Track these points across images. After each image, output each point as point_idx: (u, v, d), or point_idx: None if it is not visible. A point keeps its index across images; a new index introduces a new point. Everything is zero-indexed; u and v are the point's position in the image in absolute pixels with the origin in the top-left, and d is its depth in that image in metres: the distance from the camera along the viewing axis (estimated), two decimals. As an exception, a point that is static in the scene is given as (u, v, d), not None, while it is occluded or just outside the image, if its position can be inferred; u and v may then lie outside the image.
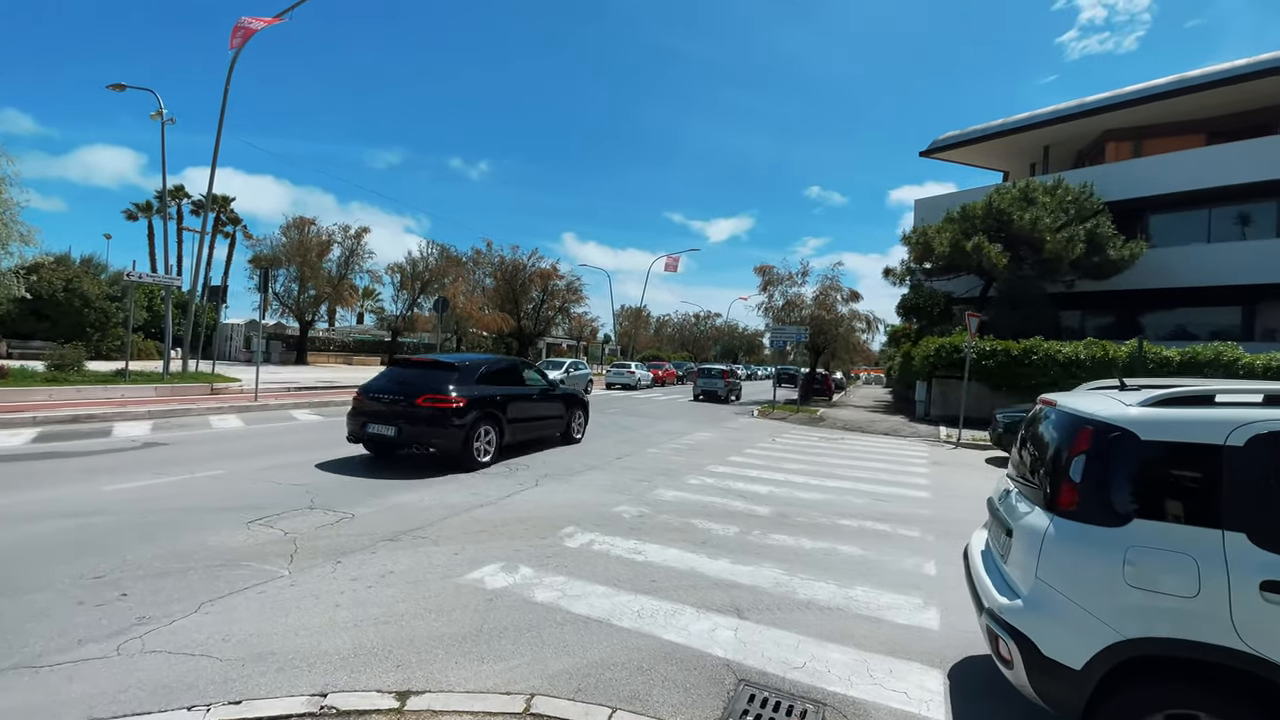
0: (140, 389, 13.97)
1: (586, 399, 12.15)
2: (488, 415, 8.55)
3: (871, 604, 4.18)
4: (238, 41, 14.98)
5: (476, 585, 4.12)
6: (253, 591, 3.84)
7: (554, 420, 10.62)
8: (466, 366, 8.88)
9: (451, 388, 8.24)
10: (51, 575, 3.94)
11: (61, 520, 5.08)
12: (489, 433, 8.54)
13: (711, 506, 6.64)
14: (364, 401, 8.45)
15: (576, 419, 11.26)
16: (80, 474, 6.81)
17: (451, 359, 9.19)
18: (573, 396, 11.45)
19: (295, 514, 5.60)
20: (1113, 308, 24.52)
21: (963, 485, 8.69)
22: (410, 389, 8.27)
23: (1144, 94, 23.67)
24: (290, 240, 31.63)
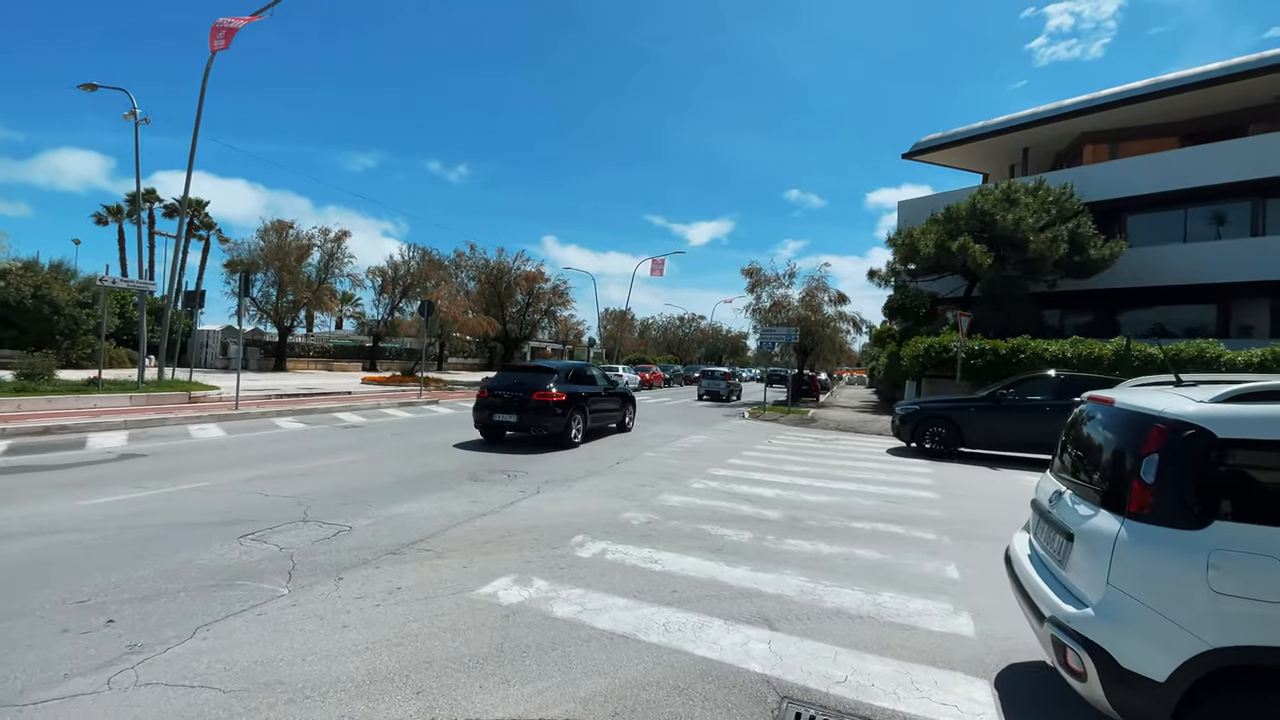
0: (114, 398, 13.45)
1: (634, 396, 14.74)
2: (578, 407, 11.21)
3: (901, 610, 4.03)
4: (220, 43, 14.54)
5: (490, 601, 3.90)
6: (251, 613, 3.58)
7: (615, 412, 13.24)
8: (560, 370, 11.56)
9: (553, 386, 10.85)
10: (29, 601, 3.63)
11: (36, 539, 4.75)
12: (579, 420, 11.24)
13: (720, 511, 6.47)
14: (488, 397, 11.14)
15: (629, 412, 13.92)
16: (54, 489, 6.43)
17: (550, 365, 12.03)
18: (626, 395, 14.00)
19: (289, 527, 5.31)
20: (1091, 306, 24.91)
21: (966, 484, 8.64)
22: (525, 388, 10.90)
23: (1119, 97, 24.14)
24: (268, 244, 30.91)
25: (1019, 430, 11.14)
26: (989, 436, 11.49)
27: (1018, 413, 11.30)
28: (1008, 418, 11.33)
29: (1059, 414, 10.76)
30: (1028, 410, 11.23)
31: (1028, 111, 26.73)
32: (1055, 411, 10.75)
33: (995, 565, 5.00)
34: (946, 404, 12.53)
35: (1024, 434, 11.08)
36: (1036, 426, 10.78)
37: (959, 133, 29.20)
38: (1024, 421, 11.12)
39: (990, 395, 12.04)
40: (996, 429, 11.41)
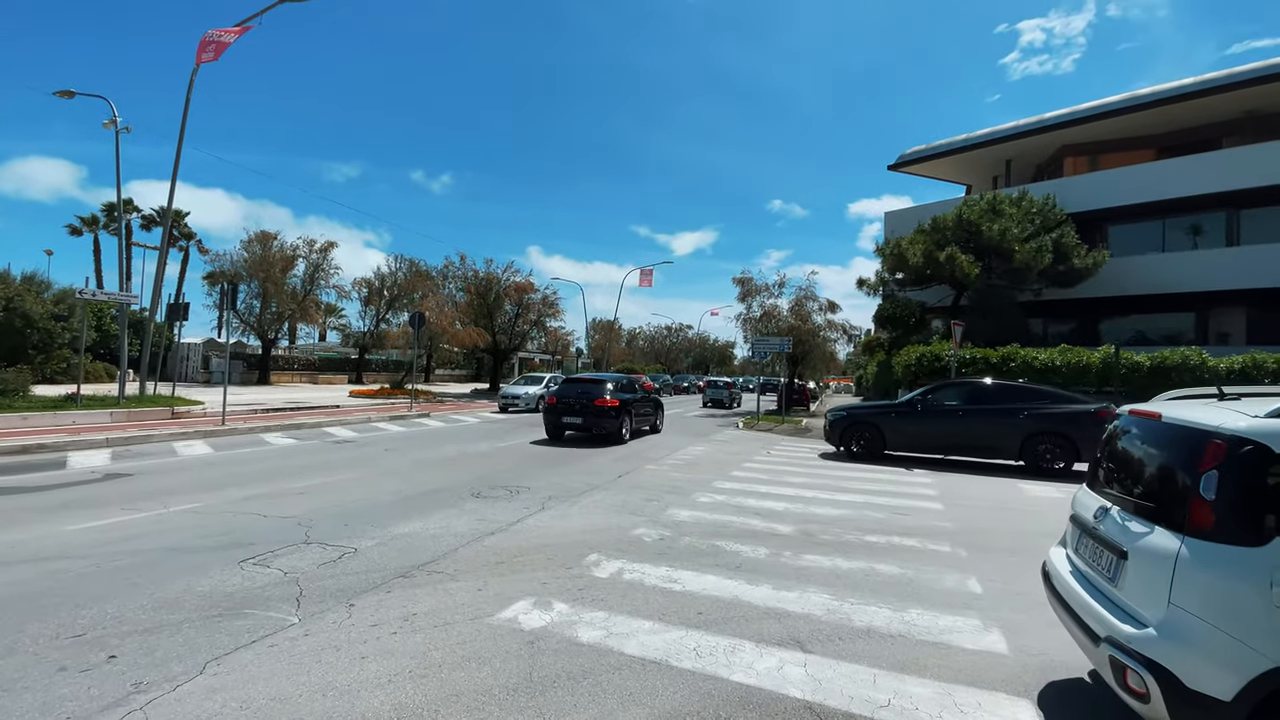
0: (94, 415, 13.04)
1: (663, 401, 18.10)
2: (627, 411, 13.68)
3: (931, 628, 3.96)
4: (208, 55, 14.27)
5: (512, 626, 3.75)
6: (262, 645, 3.40)
7: (650, 415, 15.78)
8: (613, 381, 14.28)
9: (609, 394, 13.40)
10: (20, 636, 3.42)
11: (22, 568, 4.51)
12: (628, 421, 13.73)
13: (731, 526, 6.37)
14: (556, 404, 13.70)
15: (660, 416, 16.55)
16: (37, 512, 6.16)
17: (604, 377, 14.79)
18: (658, 401, 17.16)
19: (291, 550, 5.11)
20: (1074, 315, 25.33)
21: (971, 495, 8.63)
22: (588, 395, 13.47)
23: (1098, 111, 24.70)
24: (252, 255, 30.40)
25: (935, 434, 11.70)
26: (909, 440, 12.01)
27: (934, 417, 11.80)
28: (925, 422, 11.85)
29: (970, 418, 11.18)
30: (942, 415, 11.76)
31: (1010, 124, 27.26)
32: (967, 415, 11.55)
33: (1016, 578, 4.98)
34: (871, 410, 13.18)
35: (940, 437, 11.66)
36: (950, 429, 11.51)
37: (943, 145, 29.67)
38: (939, 425, 11.68)
39: (909, 401, 12.55)
40: (915, 433, 11.92)
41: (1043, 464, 10.74)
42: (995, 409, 11.41)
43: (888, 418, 12.33)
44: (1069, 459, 10.63)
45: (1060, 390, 12.15)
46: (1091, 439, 10.20)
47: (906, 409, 12.28)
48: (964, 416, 11.56)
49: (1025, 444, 10.88)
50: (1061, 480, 10.10)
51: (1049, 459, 10.72)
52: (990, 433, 11.23)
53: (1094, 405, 10.93)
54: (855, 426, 12.44)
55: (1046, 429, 10.81)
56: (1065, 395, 11.54)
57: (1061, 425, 10.80)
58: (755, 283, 26.33)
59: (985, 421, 11.32)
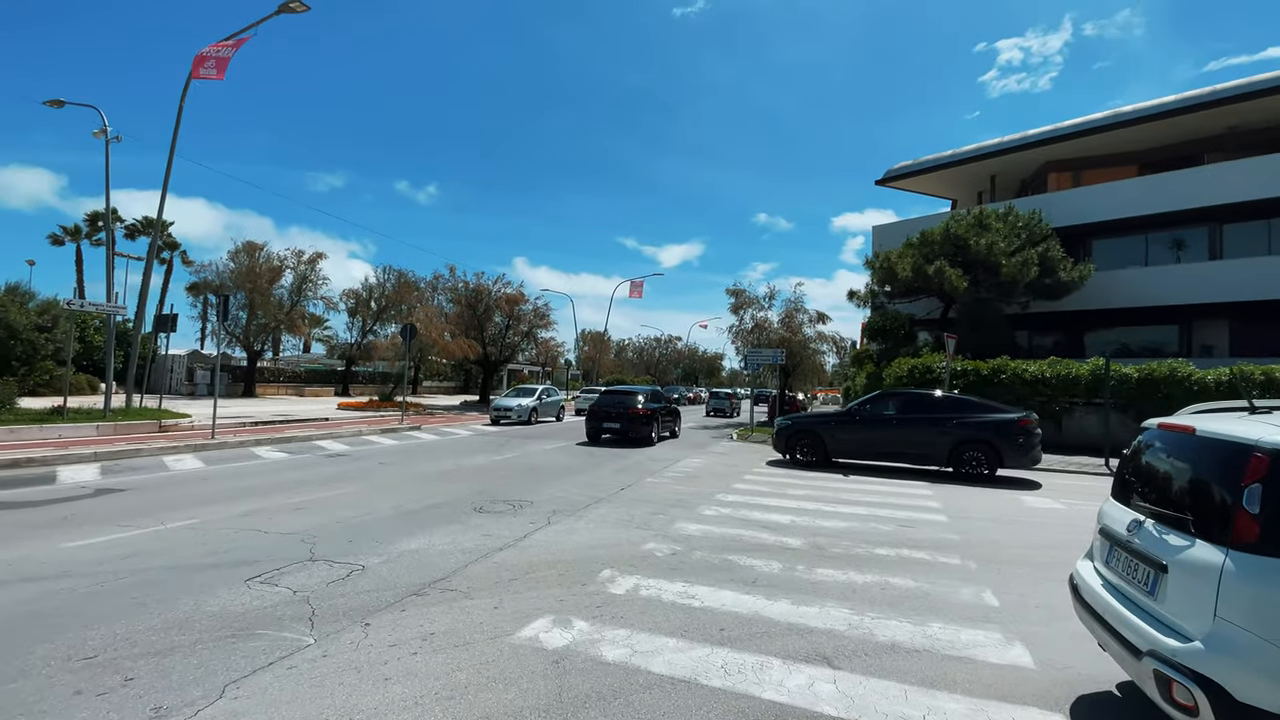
0: (80, 428, 12.76)
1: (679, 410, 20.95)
2: (655, 418, 16.39)
3: (955, 642, 3.94)
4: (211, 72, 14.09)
5: (534, 645, 3.69)
6: (281, 666, 3.31)
7: (671, 422, 18.60)
8: (643, 393, 17.05)
9: (641, 404, 16.07)
10: (31, 658, 3.31)
11: (24, 587, 4.38)
12: (656, 427, 16.40)
13: (740, 540, 6.34)
14: (599, 411, 16.08)
15: (678, 423, 19.54)
16: (32, 529, 5.99)
17: (637, 389, 17.75)
18: (677, 411, 19.91)
19: (297, 568, 5.01)
20: (1058, 327, 25.69)
21: (972, 507, 8.66)
22: (624, 405, 15.99)
23: (1081, 128, 25.24)
24: (239, 265, 30.04)
25: (872, 441, 12.33)
26: (848, 447, 12.55)
27: (871, 426, 12.41)
28: (863, 431, 12.44)
29: (904, 426, 11.86)
30: (879, 423, 12.38)
31: (995, 141, 27.77)
32: (901, 424, 12.20)
33: (1031, 591, 5.00)
34: (812, 419, 13.72)
35: (876, 444, 12.28)
36: (886, 437, 12.17)
37: (929, 160, 30.14)
38: (876, 433, 12.29)
39: (848, 411, 13.38)
40: (854, 440, 12.49)
41: (969, 470, 11.22)
42: (927, 418, 11.97)
43: (828, 426, 12.89)
44: (993, 465, 11.14)
45: (986, 401, 12.75)
46: (1013, 446, 11.07)
47: (846, 418, 12.93)
48: (898, 425, 12.16)
49: (953, 451, 11.40)
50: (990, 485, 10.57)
51: (975, 465, 11.21)
52: (922, 440, 11.80)
53: (1016, 415, 11.51)
54: (799, 435, 12.89)
55: (973, 437, 11.31)
56: (991, 405, 12.11)
57: (986, 434, 11.28)
58: (748, 294, 26.46)
59: (917, 430, 11.90)
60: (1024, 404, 16.96)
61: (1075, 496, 9.84)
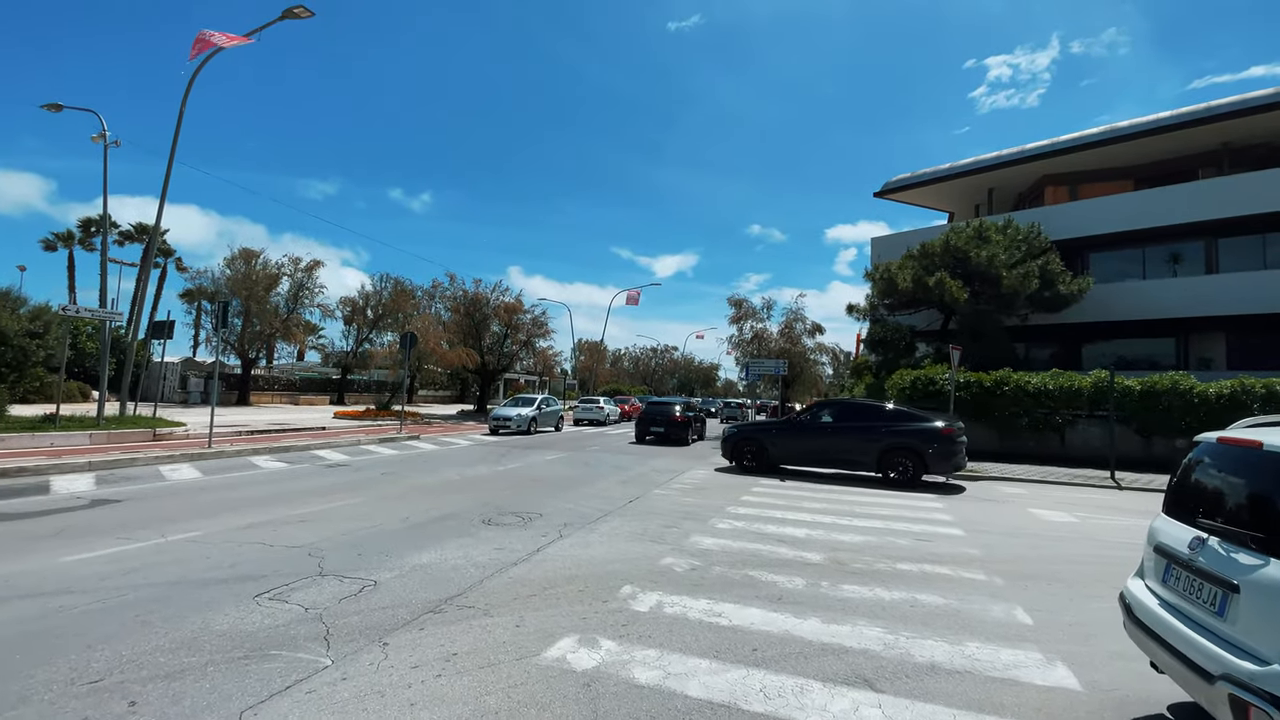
0: (73, 436, 12.49)
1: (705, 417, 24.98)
2: (689, 423, 20.38)
3: (995, 662, 3.81)
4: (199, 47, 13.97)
5: (562, 667, 3.53)
6: (299, 690, 3.14)
7: (700, 426, 22.32)
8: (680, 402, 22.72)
9: (679, 412, 20.38)
10: (31, 682, 3.13)
11: (23, 604, 4.18)
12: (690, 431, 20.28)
13: (760, 555, 6.20)
14: (645, 417, 20.41)
15: (705, 428, 23.55)
16: (26, 542, 5.78)
17: (674, 400, 24.23)
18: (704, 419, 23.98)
19: (306, 583, 4.83)
20: (1055, 339, 25.76)
21: (986, 520, 8.55)
22: (666, 411, 20.45)
23: (1077, 142, 25.45)
24: (236, 272, 29.79)
25: (810, 448, 12.95)
26: (788, 454, 13.14)
27: (809, 433, 13.04)
28: (801, 438, 13.08)
29: (838, 434, 12.80)
30: (816, 431, 13.01)
31: (993, 154, 27.98)
32: (836, 432, 12.78)
33: (1062, 608, 4.88)
34: (756, 427, 14.30)
35: (814, 451, 12.89)
36: (822, 444, 12.77)
37: (927, 173, 30.33)
38: (813, 440, 12.90)
39: (788, 420, 14.27)
40: (793, 447, 13.10)
41: (895, 475, 11.67)
42: (859, 426, 12.54)
43: (770, 434, 13.54)
44: (918, 471, 11.57)
45: (915, 410, 13.17)
46: (935, 454, 11.54)
47: (786, 426, 13.71)
48: (833, 433, 12.74)
49: (881, 457, 11.88)
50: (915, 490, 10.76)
51: (901, 471, 11.64)
52: (853, 447, 12.30)
53: (940, 424, 11.92)
54: (744, 442, 13.44)
55: (899, 444, 11.77)
56: (919, 415, 12.51)
57: (912, 441, 11.73)
58: (748, 305, 26.42)
59: (850, 437, 12.46)
60: (1027, 416, 17.00)
61: (1086, 509, 9.76)
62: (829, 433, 12.78)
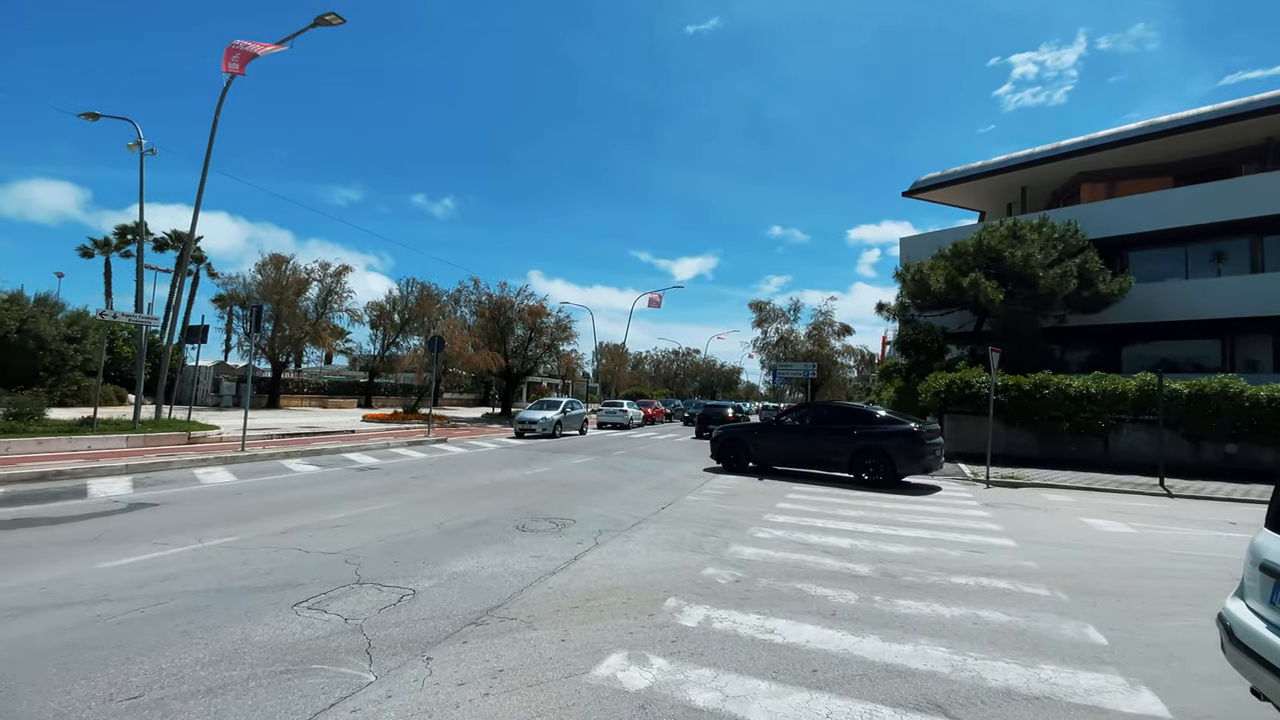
0: (110, 439, 12.68)
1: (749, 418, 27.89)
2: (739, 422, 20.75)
3: (1074, 687, 3.54)
4: (235, 66, 14.21)
5: (613, 686, 3.35)
6: (344, 709, 3.00)
7: None
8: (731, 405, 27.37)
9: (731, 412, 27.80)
10: (69, 697, 3.03)
11: (60, 613, 4.12)
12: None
13: (804, 566, 5.96)
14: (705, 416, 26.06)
15: None
16: (66, 547, 5.77)
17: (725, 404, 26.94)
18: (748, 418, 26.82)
19: (344, 592, 4.72)
20: (1093, 341, 24.98)
21: (1038, 530, 8.19)
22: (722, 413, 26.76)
23: (1115, 138, 24.70)
24: (266, 278, 30.27)
25: (788, 449, 13.43)
26: (767, 454, 13.60)
27: (788, 435, 13.53)
28: (780, 439, 13.59)
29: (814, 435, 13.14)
30: (794, 432, 13.48)
31: (1026, 152, 27.30)
32: (812, 433, 13.17)
33: (1138, 627, 4.57)
34: (740, 429, 14.70)
35: (791, 452, 13.41)
36: (799, 445, 13.24)
37: (957, 172, 29.71)
38: (791, 441, 13.40)
39: (767, 422, 15.16)
40: (772, 448, 13.58)
41: (866, 476, 11.88)
42: (835, 428, 12.85)
43: (752, 435, 13.97)
44: (888, 472, 11.75)
45: (889, 413, 13.28)
46: (905, 455, 11.73)
47: (766, 428, 14.27)
48: (809, 435, 13.18)
49: (854, 459, 12.10)
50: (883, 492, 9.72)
51: (872, 471, 11.85)
52: (828, 448, 12.65)
53: (914, 426, 12.09)
54: (730, 443, 13.95)
55: (870, 446, 12.00)
56: (891, 418, 12.72)
57: (882, 443, 11.94)
58: (771, 308, 26.07)
59: (825, 439, 12.80)
60: (1069, 420, 16.42)
61: (1142, 519, 9.32)
62: (806, 434, 13.18)
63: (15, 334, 21.78)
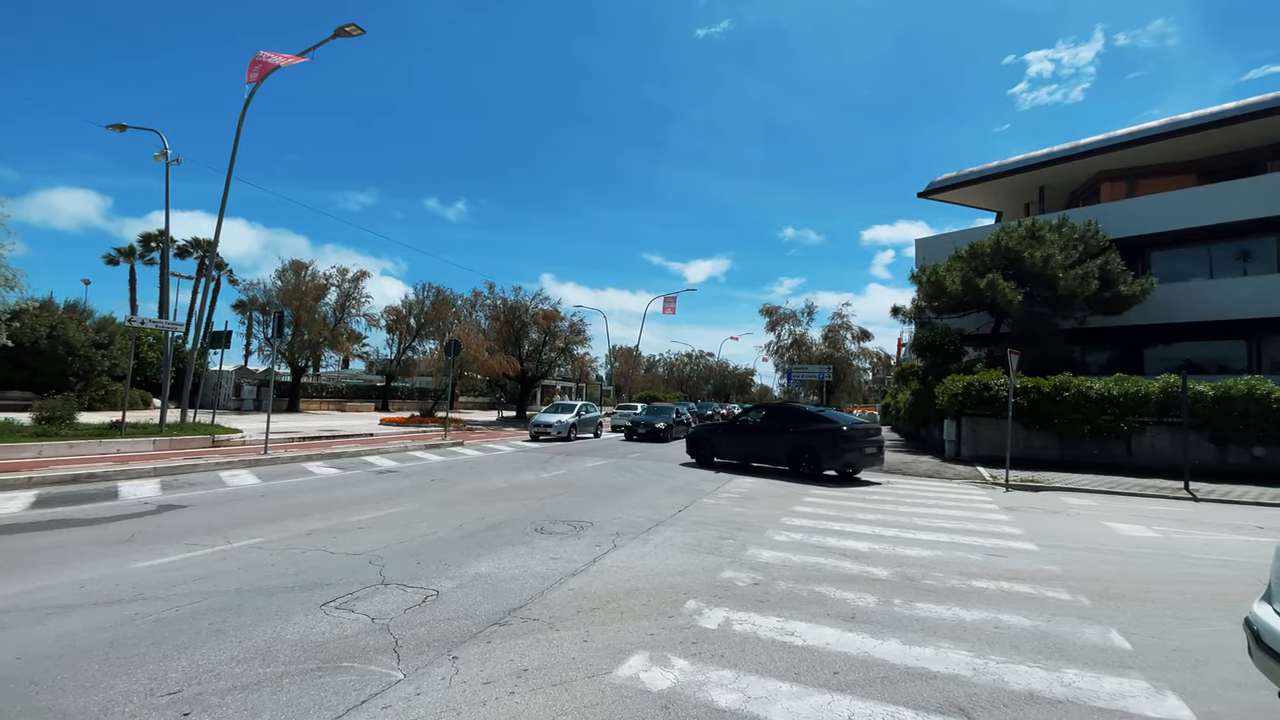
0: (137, 443, 12.97)
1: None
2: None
3: (1098, 691, 3.53)
4: (254, 76, 14.52)
5: (636, 686, 3.40)
6: (374, 706, 3.08)
7: None
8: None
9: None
10: (111, 692, 3.14)
11: (98, 612, 4.26)
12: None
13: (823, 569, 5.96)
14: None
15: None
16: (100, 547, 5.94)
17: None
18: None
19: (371, 592, 4.82)
20: (1114, 342, 24.60)
21: (1059, 534, 8.11)
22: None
23: (1136, 136, 24.36)
24: (286, 284, 30.77)
25: (742, 447, 15.00)
26: (725, 451, 15.28)
27: (742, 433, 15.09)
28: (736, 437, 15.15)
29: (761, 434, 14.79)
30: (747, 431, 15.04)
31: (1044, 151, 26.99)
32: (760, 432, 14.69)
33: (1161, 631, 4.54)
34: (707, 429, 16.37)
35: (744, 449, 14.92)
36: (751, 443, 14.78)
37: (974, 172, 29.46)
38: (744, 440, 14.94)
39: (729, 422, 16.72)
40: (730, 446, 15.22)
41: (800, 470, 13.42)
42: (777, 427, 14.36)
43: (716, 434, 15.68)
44: (815, 467, 13.26)
45: (826, 413, 14.64)
46: (828, 451, 13.03)
47: (728, 427, 15.82)
48: (758, 433, 14.73)
49: (790, 455, 13.62)
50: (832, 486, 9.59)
51: (804, 466, 13.37)
52: (771, 445, 14.19)
53: (841, 426, 13.32)
54: (699, 442, 15.77)
55: (801, 443, 13.52)
56: (824, 418, 14.11)
57: (810, 440, 13.43)
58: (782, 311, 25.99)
59: (769, 436, 14.32)
60: (1090, 423, 16.19)
61: (1165, 523, 9.19)
62: (756, 433, 14.71)
63: (46, 340, 22.34)
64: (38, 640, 3.74)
